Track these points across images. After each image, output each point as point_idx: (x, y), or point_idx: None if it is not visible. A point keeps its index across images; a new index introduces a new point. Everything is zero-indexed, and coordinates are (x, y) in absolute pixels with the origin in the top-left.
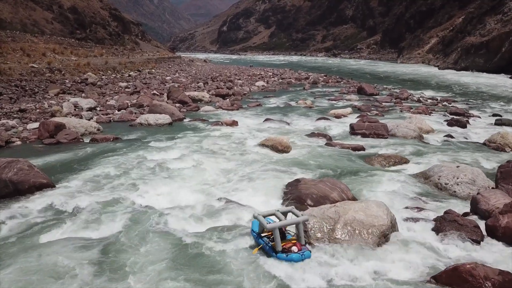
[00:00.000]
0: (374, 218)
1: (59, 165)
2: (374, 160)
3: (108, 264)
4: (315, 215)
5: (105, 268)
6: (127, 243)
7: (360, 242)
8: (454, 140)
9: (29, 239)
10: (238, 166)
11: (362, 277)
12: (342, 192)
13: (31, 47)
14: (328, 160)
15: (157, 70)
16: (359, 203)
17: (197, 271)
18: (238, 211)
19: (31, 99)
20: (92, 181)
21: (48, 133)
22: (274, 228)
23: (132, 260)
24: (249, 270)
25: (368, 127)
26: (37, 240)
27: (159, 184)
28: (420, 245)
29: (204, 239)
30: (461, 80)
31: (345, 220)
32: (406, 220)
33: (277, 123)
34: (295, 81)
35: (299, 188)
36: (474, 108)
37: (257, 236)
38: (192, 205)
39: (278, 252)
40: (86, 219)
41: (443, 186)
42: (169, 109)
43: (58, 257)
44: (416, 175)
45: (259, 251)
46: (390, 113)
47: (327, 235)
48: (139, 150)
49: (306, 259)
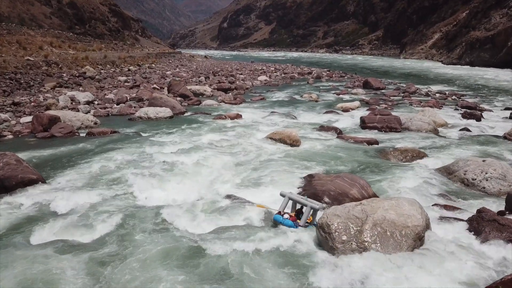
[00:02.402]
0: (407, 218)
1: (51, 160)
2: (390, 154)
3: (102, 269)
4: (339, 214)
5: (98, 273)
6: (124, 245)
7: (393, 246)
8: (471, 133)
9: (14, 240)
10: (244, 161)
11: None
12: (362, 189)
13: (27, 40)
14: (340, 154)
15: (157, 65)
16: (388, 201)
17: (203, 275)
18: (247, 210)
19: (26, 92)
20: (87, 176)
21: (41, 126)
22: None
23: (128, 264)
24: (260, 275)
25: (380, 120)
26: (23, 242)
27: (160, 180)
28: (460, 248)
29: (209, 241)
30: (466, 74)
31: (374, 220)
32: (437, 219)
33: (283, 117)
34: (298, 75)
35: (314, 184)
36: (483, 102)
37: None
38: (196, 203)
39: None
40: (78, 217)
41: (470, 182)
42: (170, 102)
43: (46, 260)
44: (439, 170)
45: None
46: (399, 107)
47: (354, 237)
48: (138, 144)
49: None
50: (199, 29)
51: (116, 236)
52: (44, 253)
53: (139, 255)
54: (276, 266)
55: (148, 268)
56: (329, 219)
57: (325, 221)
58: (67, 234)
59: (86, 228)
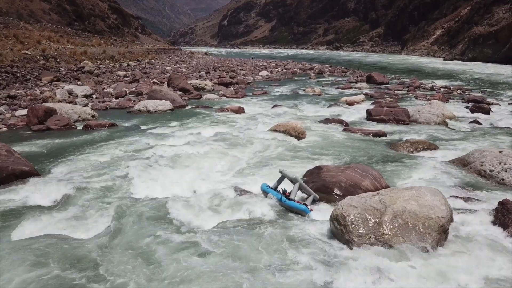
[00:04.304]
0: (430, 209)
1: (46, 152)
2: (400, 146)
3: (96, 267)
4: (355, 205)
5: (92, 271)
6: (121, 241)
7: (416, 239)
8: (482, 126)
9: (1, 234)
10: (248, 153)
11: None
12: (375, 180)
13: (25, 34)
14: (348, 146)
15: (157, 61)
16: (409, 191)
17: (207, 271)
18: (252, 203)
19: (22, 85)
20: (82, 169)
21: (37, 119)
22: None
23: (125, 262)
24: (269, 271)
25: (387, 113)
26: (11, 237)
27: (160, 174)
28: (488, 242)
29: (212, 234)
30: (469, 70)
31: (394, 211)
32: (457, 211)
33: (287, 109)
34: (299, 71)
35: (323, 176)
36: (489, 96)
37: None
38: (199, 197)
39: (290, 199)
40: (71, 211)
41: (488, 173)
42: (170, 95)
43: (35, 257)
44: (453, 161)
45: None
46: (405, 101)
47: (373, 230)
48: (137, 137)
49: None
50: (199, 27)
51: (111, 232)
52: (33, 247)
53: (137, 250)
54: (286, 261)
55: (146, 263)
56: (344, 210)
57: (340, 212)
58: (59, 228)
59: (79, 222)
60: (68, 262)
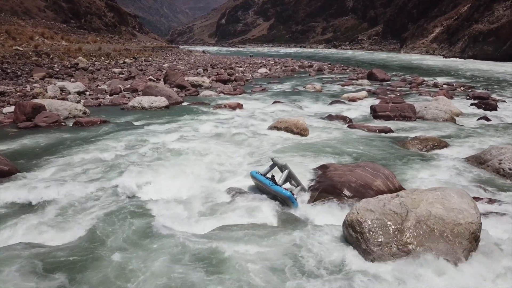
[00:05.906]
0: (458, 213)
1: (31, 151)
2: (409, 143)
3: (79, 273)
4: (372, 209)
5: (75, 278)
6: (109, 247)
7: (444, 249)
8: (492, 122)
9: None
10: (248, 152)
11: None
12: (387, 180)
13: (17, 30)
14: (354, 144)
15: (154, 58)
16: (433, 192)
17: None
18: (252, 205)
19: (12, 82)
20: (69, 169)
21: (24, 115)
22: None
23: (113, 267)
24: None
25: (393, 109)
26: None
27: (151, 173)
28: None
29: (209, 239)
30: (470, 67)
31: (417, 216)
32: (482, 215)
33: (288, 106)
34: (299, 68)
35: (330, 176)
36: (493, 93)
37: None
38: (194, 198)
39: (277, 184)
40: (54, 214)
41: (507, 171)
42: (165, 92)
43: (11, 267)
44: (467, 159)
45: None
46: (408, 97)
47: (394, 238)
48: (130, 134)
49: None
50: (197, 25)
51: (98, 237)
52: (7, 257)
53: (123, 258)
54: (294, 274)
55: (135, 279)
56: (360, 215)
57: (356, 217)
58: (39, 233)
59: (63, 226)
60: (42, 271)
